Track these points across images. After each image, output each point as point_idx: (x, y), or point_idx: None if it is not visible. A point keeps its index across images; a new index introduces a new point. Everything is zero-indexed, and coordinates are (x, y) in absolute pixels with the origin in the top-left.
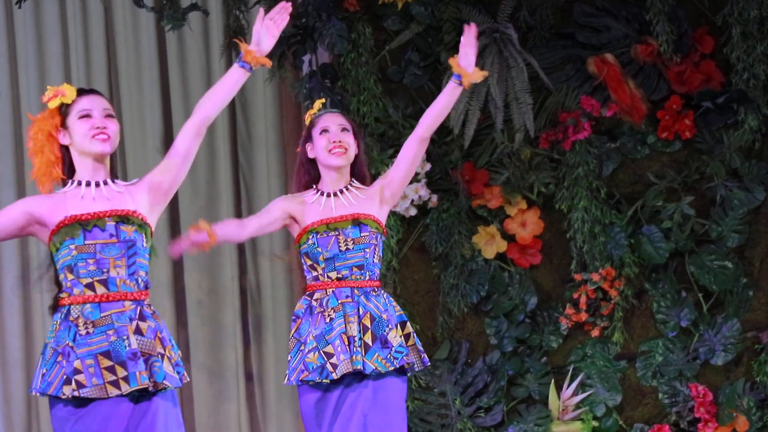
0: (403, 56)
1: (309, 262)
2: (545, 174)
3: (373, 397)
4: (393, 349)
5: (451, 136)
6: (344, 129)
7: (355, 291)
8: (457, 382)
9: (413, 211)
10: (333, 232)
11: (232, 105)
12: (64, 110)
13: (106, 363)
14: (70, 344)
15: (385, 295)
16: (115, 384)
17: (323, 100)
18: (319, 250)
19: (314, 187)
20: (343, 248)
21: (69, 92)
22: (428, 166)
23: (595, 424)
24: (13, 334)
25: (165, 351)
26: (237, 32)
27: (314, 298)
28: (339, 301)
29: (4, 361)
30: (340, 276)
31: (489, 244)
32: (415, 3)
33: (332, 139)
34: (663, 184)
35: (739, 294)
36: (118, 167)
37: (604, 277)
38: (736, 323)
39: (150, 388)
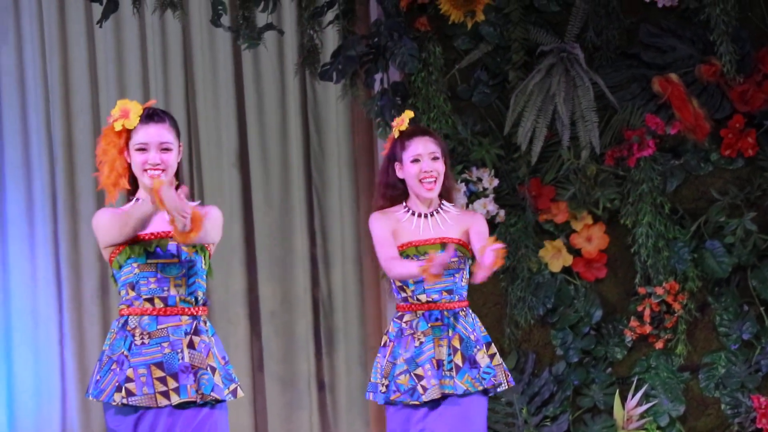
0: (472, 75)
1: (398, 284)
2: (610, 190)
3: (458, 415)
4: (481, 369)
5: (519, 153)
6: (435, 157)
7: (445, 313)
8: (524, 391)
9: None
10: (423, 256)
11: (305, 121)
12: (126, 134)
13: (159, 374)
14: (125, 353)
15: (472, 315)
16: (165, 394)
17: (412, 114)
18: None
19: (404, 204)
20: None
21: (133, 116)
22: (496, 182)
23: None
24: (93, 342)
25: (215, 364)
26: (311, 51)
27: (404, 320)
28: (429, 325)
29: (84, 369)
30: (430, 300)
31: (555, 257)
32: (485, 23)
33: (424, 168)
34: (726, 200)
35: None
36: (194, 183)
37: (667, 291)
38: None
39: (198, 400)
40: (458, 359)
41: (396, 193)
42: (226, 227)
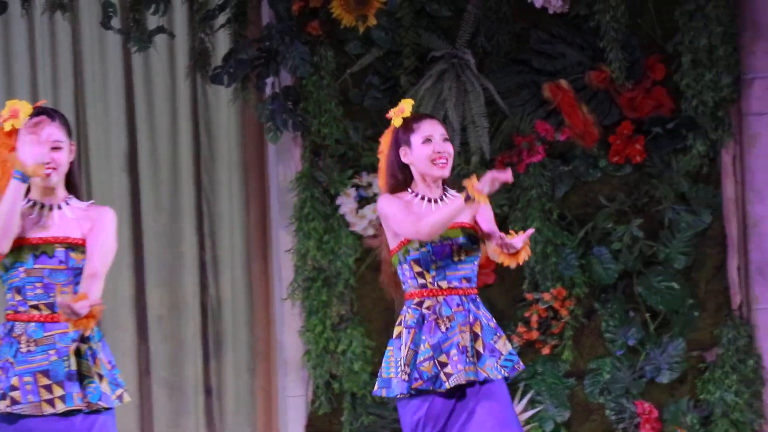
0: (364, 80)
1: (418, 269)
2: (499, 195)
3: (486, 399)
4: (503, 356)
5: None
6: (446, 139)
7: (464, 299)
8: None
9: (371, 231)
10: (446, 241)
11: (196, 124)
12: (16, 134)
13: (44, 381)
14: (11, 360)
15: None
16: (51, 402)
17: (412, 102)
18: (433, 258)
19: (410, 190)
20: (456, 259)
21: (23, 115)
22: None
23: None
24: None
25: (102, 371)
26: (202, 54)
27: (425, 306)
28: (452, 310)
29: None
30: (451, 286)
31: None
32: (376, 28)
33: (437, 149)
34: (613, 207)
35: (684, 314)
36: (83, 186)
37: (555, 297)
38: (682, 343)
39: (84, 409)
40: (479, 346)
41: (399, 182)
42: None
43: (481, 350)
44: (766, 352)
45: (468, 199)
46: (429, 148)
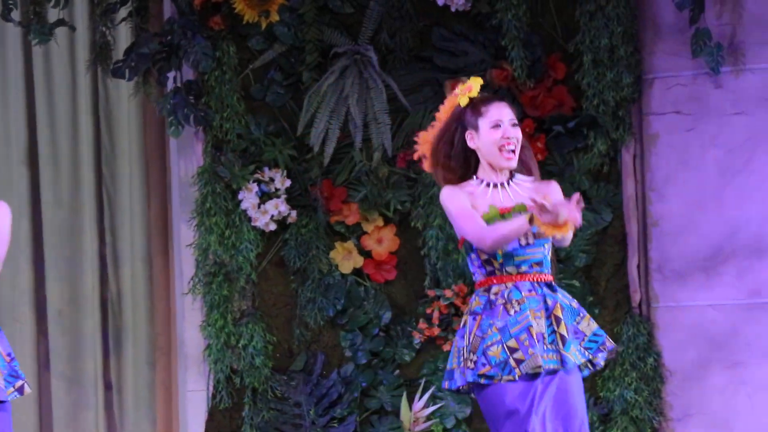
0: (266, 75)
1: (484, 257)
2: (401, 192)
3: (565, 390)
4: (587, 337)
5: (312, 154)
6: (514, 124)
7: (536, 284)
8: (312, 392)
9: (272, 226)
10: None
11: (96, 118)
12: None
13: None
14: None
15: (557, 286)
16: None
17: (481, 81)
18: None
19: (475, 176)
20: (523, 243)
21: None
22: (288, 183)
23: None
24: None
25: None
26: (103, 48)
27: (492, 292)
28: (523, 294)
29: None
30: (520, 272)
31: (346, 259)
32: (279, 24)
33: (506, 135)
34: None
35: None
36: None
37: (456, 293)
38: None
39: None
40: (563, 330)
41: (462, 164)
42: (14, 225)
43: (566, 334)
44: (665, 350)
45: (532, 220)
46: (498, 133)
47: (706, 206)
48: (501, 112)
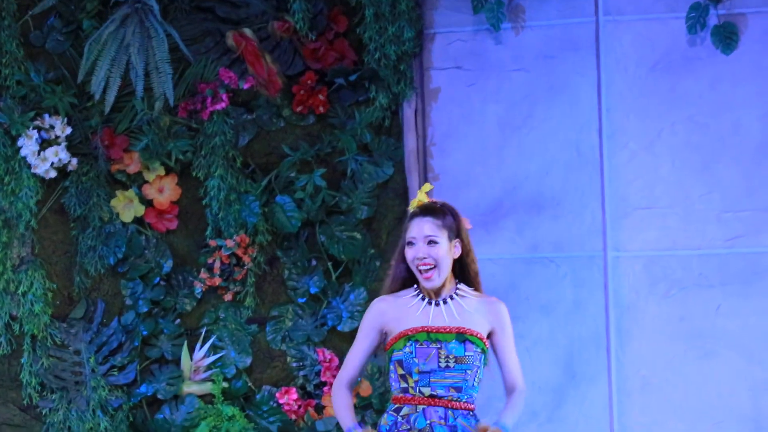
0: (46, 22)
1: (401, 372)
2: (183, 142)
3: None
4: None
5: (92, 102)
6: (431, 241)
7: (450, 413)
8: (92, 340)
9: (53, 174)
10: (434, 344)
11: None
12: None
13: None
14: None
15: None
16: None
17: (430, 187)
18: (416, 360)
19: (416, 287)
20: (443, 365)
21: None
22: (69, 130)
23: (225, 385)
24: None
25: None
26: None
27: (401, 414)
28: (428, 422)
29: None
30: (434, 394)
31: (127, 208)
32: None
33: (417, 255)
34: (297, 156)
35: (366, 264)
36: None
37: (238, 244)
38: (363, 292)
39: None
40: None
41: (404, 278)
42: None
43: None
44: None
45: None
46: (410, 252)
47: (487, 161)
48: (417, 229)
